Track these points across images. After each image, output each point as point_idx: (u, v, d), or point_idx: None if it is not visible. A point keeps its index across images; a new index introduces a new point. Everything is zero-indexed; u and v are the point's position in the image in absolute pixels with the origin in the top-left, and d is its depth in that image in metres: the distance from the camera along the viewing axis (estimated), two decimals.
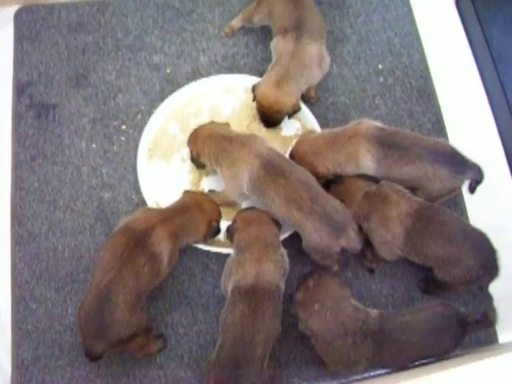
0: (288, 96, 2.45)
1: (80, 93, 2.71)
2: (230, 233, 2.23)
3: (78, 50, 2.80)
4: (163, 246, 2.08)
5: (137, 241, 2.03)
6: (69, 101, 2.70)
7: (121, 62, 2.79)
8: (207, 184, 2.50)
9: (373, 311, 2.07)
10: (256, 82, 2.53)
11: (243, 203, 2.44)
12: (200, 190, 2.49)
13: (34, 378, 2.25)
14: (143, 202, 2.44)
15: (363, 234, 2.24)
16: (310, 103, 2.63)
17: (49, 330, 2.31)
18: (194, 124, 2.55)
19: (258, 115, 2.57)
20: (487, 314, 2.16)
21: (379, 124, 2.35)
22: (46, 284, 2.38)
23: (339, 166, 2.31)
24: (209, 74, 2.73)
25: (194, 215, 2.21)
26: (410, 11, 2.96)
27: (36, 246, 2.44)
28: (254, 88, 2.51)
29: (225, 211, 2.37)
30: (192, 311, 2.34)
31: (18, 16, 2.87)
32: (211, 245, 2.36)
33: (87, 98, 2.70)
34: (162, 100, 2.62)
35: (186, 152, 2.55)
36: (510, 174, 2.71)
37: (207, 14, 2.90)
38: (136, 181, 2.49)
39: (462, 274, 2.17)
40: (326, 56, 2.57)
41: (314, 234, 2.12)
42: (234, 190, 2.31)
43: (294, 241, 2.30)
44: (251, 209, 2.30)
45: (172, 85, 2.72)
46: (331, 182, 2.36)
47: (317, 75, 2.56)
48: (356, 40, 2.88)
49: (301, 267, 2.39)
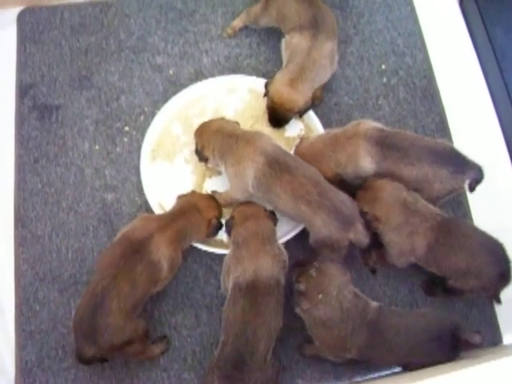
0: (301, 95, 2.45)
1: (83, 94, 2.71)
2: (228, 227, 2.25)
3: (80, 52, 2.80)
4: (162, 254, 2.08)
5: (134, 250, 2.04)
6: (72, 102, 2.70)
7: (124, 63, 2.79)
8: (210, 185, 2.49)
9: (372, 302, 2.06)
10: (269, 79, 2.52)
11: None
12: (203, 190, 2.49)
13: (38, 379, 2.25)
14: (146, 204, 2.44)
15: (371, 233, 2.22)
16: (313, 104, 2.61)
17: (52, 331, 2.31)
18: (197, 125, 2.54)
19: (267, 113, 2.55)
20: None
21: (379, 125, 2.34)
22: (50, 286, 2.38)
23: (340, 166, 2.31)
24: (212, 75, 2.73)
25: (192, 217, 2.21)
26: (413, 11, 2.95)
27: (39, 247, 2.44)
28: (267, 84, 2.51)
29: (227, 211, 2.37)
30: (195, 313, 2.34)
31: (20, 17, 2.87)
32: (215, 246, 2.36)
33: (90, 100, 2.70)
34: (165, 101, 2.62)
35: (189, 153, 2.55)
36: None
37: (210, 15, 2.89)
38: (139, 182, 2.49)
39: (480, 284, 2.17)
40: (336, 53, 2.57)
41: (323, 228, 2.13)
42: (238, 188, 2.31)
43: (299, 240, 2.30)
44: (248, 204, 2.31)
45: (175, 86, 2.72)
46: (358, 188, 2.30)
47: (328, 74, 2.57)
48: (359, 40, 2.87)
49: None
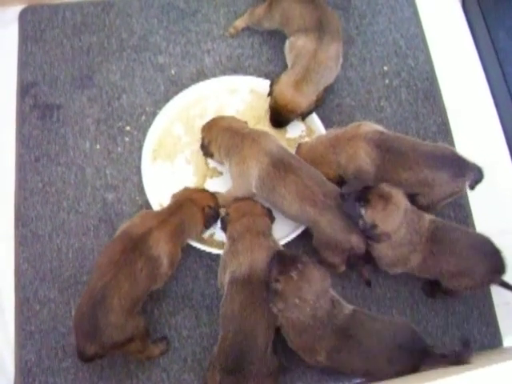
0: (304, 97, 2.45)
1: (84, 93, 2.71)
2: (224, 224, 2.25)
3: (82, 51, 2.80)
4: (161, 249, 2.09)
5: (134, 246, 2.05)
6: (73, 101, 2.69)
7: (125, 62, 2.78)
8: (211, 186, 2.49)
9: (348, 307, 2.04)
10: (274, 79, 2.51)
11: None
12: None
13: (37, 379, 2.25)
14: (147, 204, 2.43)
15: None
16: (315, 105, 2.61)
17: (52, 331, 2.31)
18: (198, 125, 2.54)
19: (269, 113, 2.55)
20: (461, 353, 2.09)
21: (379, 127, 2.34)
22: (50, 285, 2.37)
23: (340, 167, 2.31)
24: (213, 75, 2.72)
25: (188, 209, 2.23)
26: (415, 13, 2.94)
27: (40, 246, 2.43)
28: (272, 84, 2.50)
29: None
30: (196, 313, 2.34)
31: (22, 16, 2.86)
32: (215, 247, 2.35)
33: (91, 99, 2.70)
34: (167, 101, 2.62)
35: (190, 153, 2.54)
36: None
37: (212, 15, 2.89)
38: (140, 182, 2.49)
39: (473, 282, 2.19)
40: (341, 55, 2.56)
41: (328, 229, 2.14)
42: (241, 187, 2.31)
43: (300, 243, 2.30)
44: (245, 200, 2.31)
45: (176, 86, 2.72)
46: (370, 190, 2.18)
47: (333, 75, 2.56)
48: (361, 41, 2.86)
49: None
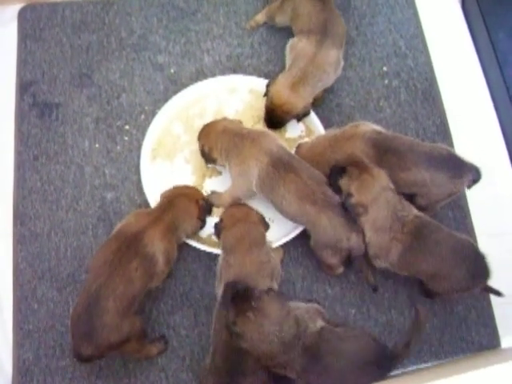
0: (300, 99, 2.44)
1: (83, 92, 2.71)
2: (217, 230, 2.25)
3: (81, 49, 2.79)
4: (156, 247, 2.08)
5: (128, 245, 2.04)
6: (72, 100, 2.69)
7: (125, 61, 2.78)
8: (210, 185, 2.49)
9: (315, 325, 1.99)
10: (271, 80, 2.51)
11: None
12: (203, 191, 2.48)
13: (35, 378, 2.24)
14: (146, 203, 2.43)
15: None
16: (314, 105, 2.61)
17: (50, 330, 2.31)
18: (198, 124, 2.54)
19: (265, 113, 2.55)
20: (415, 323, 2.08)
21: (377, 127, 2.34)
22: (48, 284, 2.37)
23: None
24: (213, 75, 2.72)
25: (181, 203, 2.23)
26: (415, 13, 2.94)
27: (38, 245, 2.43)
28: (268, 84, 2.50)
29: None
30: (194, 313, 2.34)
31: (21, 14, 2.86)
32: (214, 246, 2.35)
33: (91, 98, 2.69)
34: (166, 100, 2.62)
35: (189, 153, 2.54)
36: None
37: (212, 14, 2.89)
38: (139, 181, 2.49)
39: (451, 285, 2.18)
40: (341, 61, 2.56)
41: (328, 227, 2.13)
42: (241, 187, 2.31)
43: (298, 244, 2.30)
44: (239, 206, 2.31)
45: (176, 85, 2.71)
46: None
47: (331, 80, 2.56)
48: (361, 42, 2.86)
49: (303, 270, 2.40)
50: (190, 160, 2.54)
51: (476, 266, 2.17)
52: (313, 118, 2.57)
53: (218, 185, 2.48)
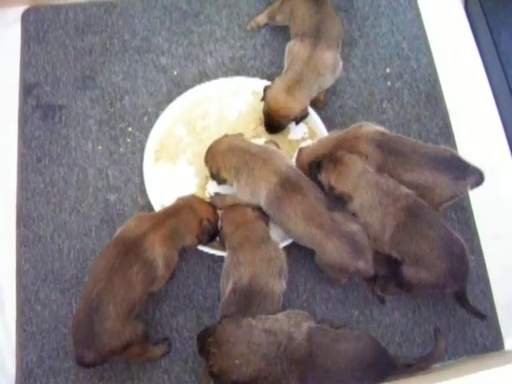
0: (297, 102, 2.44)
1: (86, 94, 2.71)
2: (221, 240, 2.26)
3: (84, 51, 2.80)
4: (156, 252, 2.07)
5: (128, 250, 2.03)
6: (75, 102, 2.69)
7: (128, 63, 2.78)
8: (213, 187, 2.49)
9: (299, 329, 1.95)
10: (269, 84, 2.51)
11: None
12: (206, 192, 2.48)
13: (39, 380, 2.25)
14: (149, 205, 2.43)
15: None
16: (316, 107, 2.61)
17: (53, 332, 2.31)
18: (200, 126, 2.55)
19: (263, 118, 2.55)
20: (426, 359, 2.10)
21: (380, 128, 2.34)
22: (51, 286, 2.37)
23: None
24: (216, 77, 2.73)
25: (185, 216, 2.20)
26: (418, 15, 2.94)
27: (41, 247, 2.43)
28: (265, 89, 2.50)
29: None
30: (197, 315, 2.33)
31: (25, 16, 2.87)
32: (217, 248, 2.35)
33: (94, 100, 2.70)
34: (169, 102, 2.62)
35: (192, 154, 2.55)
36: None
37: (214, 16, 2.89)
38: (142, 183, 2.49)
39: (429, 277, 2.15)
40: (340, 62, 2.56)
41: (334, 253, 2.12)
42: (247, 202, 2.29)
43: (301, 246, 2.29)
44: (235, 208, 2.29)
45: (179, 87, 2.72)
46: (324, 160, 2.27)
47: (329, 81, 2.55)
48: (364, 43, 2.86)
49: (306, 271, 2.40)
50: (193, 162, 2.54)
51: (459, 266, 2.14)
52: (316, 120, 2.57)
53: (220, 187, 2.47)
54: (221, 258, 2.34)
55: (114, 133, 2.64)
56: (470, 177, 2.23)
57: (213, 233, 2.28)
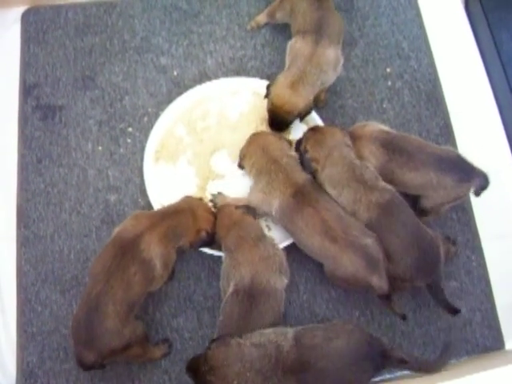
0: (301, 97, 2.43)
1: (87, 95, 2.71)
2: (217, 244, 2.26)
3: (84, 52, 2.80)
4: (153, 252, 2.07)
5: (125, 250, 2.03)
6: (75, 103, 2.69)
7: (128, 63, 2.78)
8: (213, 187, 2.49)
9: (286, 337, 1.93)
10: (272, 81, 2.51)
11: None
12: (206, 193, 2.48)
13: (39, 380, 2.25)
14: (149, 205, 2.43)
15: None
16: (317, 107, 2.61)
17: (54, 332, 2.31)
18: (201, 126, 2.55)
19: (268, 116, 2.53)
20: (423, 362, 2.09)
21: (385, 127, 2.34)
22: (52, 286, 2.37)
23: None
24: (216, 77, 2.72)
25: (184, 219, 2.20)
26: (418, 14, 2.94)
27: (42, 248, 2.43)
28: (268, 86, 2.50)
29: None
30: (197, 315, 2.34)
31: (24, 17, 2.86)
32: (217, 248, 2.34)
33: (94, 100, 2.70)
34: (169, 102, 2.61)
35: (192, 155, 2.54)
36: None
37: (215, 16, 2.89)
38: (142, 183, 2.49)
39: (396, 269, 2.13)
40: (341, 58, 2.55)
41: (350, 267, 2.09)
42: (255, 205, 2.30)
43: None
44: (221, 211, 2.29)
45: (179, 87, 2.71)
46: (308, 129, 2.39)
47: (331, 78, 2.55)
48: (364, 43, 2.86)
49: (307, 272, 2.40)
50: (193, 162, 2.53)
51: (427, 260, 2.12)
52: (316, 120, 2.56)
53: (220, 187, 2.47)
54: (221, 259, 2.34)
55: (114, 133, 2.64)
56: (474, 179, 2.23)
57: (208, 242, 2.27)
